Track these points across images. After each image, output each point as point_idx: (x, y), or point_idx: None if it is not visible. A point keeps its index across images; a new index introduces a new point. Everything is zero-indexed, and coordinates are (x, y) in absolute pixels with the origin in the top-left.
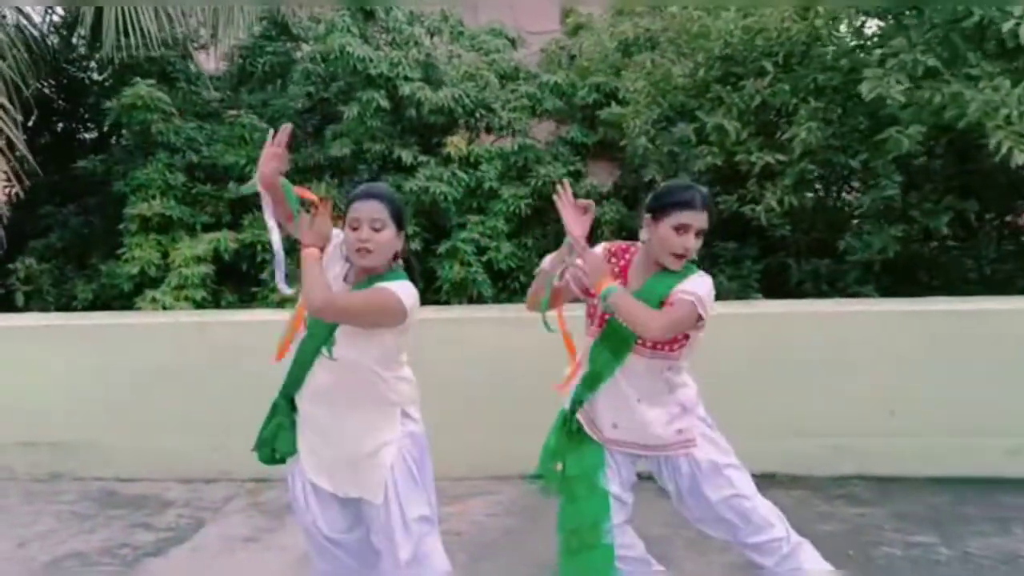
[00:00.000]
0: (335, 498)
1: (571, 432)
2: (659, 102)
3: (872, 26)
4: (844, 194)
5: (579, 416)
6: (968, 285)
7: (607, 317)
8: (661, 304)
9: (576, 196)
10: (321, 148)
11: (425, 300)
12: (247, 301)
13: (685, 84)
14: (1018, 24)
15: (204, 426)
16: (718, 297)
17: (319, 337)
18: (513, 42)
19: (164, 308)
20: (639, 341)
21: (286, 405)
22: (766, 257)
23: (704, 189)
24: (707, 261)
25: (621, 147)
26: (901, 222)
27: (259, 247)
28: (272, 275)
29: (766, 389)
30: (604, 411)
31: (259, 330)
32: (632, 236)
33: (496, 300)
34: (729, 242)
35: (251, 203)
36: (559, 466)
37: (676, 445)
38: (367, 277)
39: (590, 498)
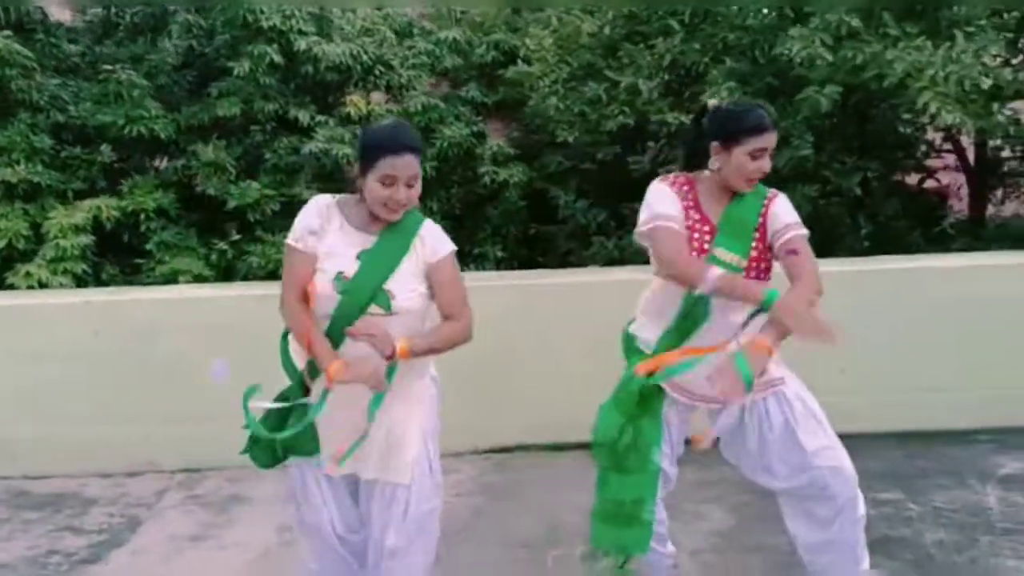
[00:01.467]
0: (347, 490)
1: (642, 397)
2: (567, 61)
3: None
4: None
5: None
6: (864, 242)
7: (706, 252)
8: (756, 230)
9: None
10: (205, 107)
11: None
12: (130, 274)
13: (592, 43)
14: None
15: (122, 414)
16: (627, 261)
17: (362, 293)
18: None
19: (40, 283)
20: (752, 258)
21: (301, 391)
22: None
23: (765, 106)
24: (616, 223)
25: (521, 106)
26: (814, 181)
27: (142, 215)
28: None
29: None
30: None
31: (178, 308)
32: (536, 197)
33: None
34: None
35: (130, 167)
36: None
37: (767, 384)
38: (387, 224)
39: (641, 473)
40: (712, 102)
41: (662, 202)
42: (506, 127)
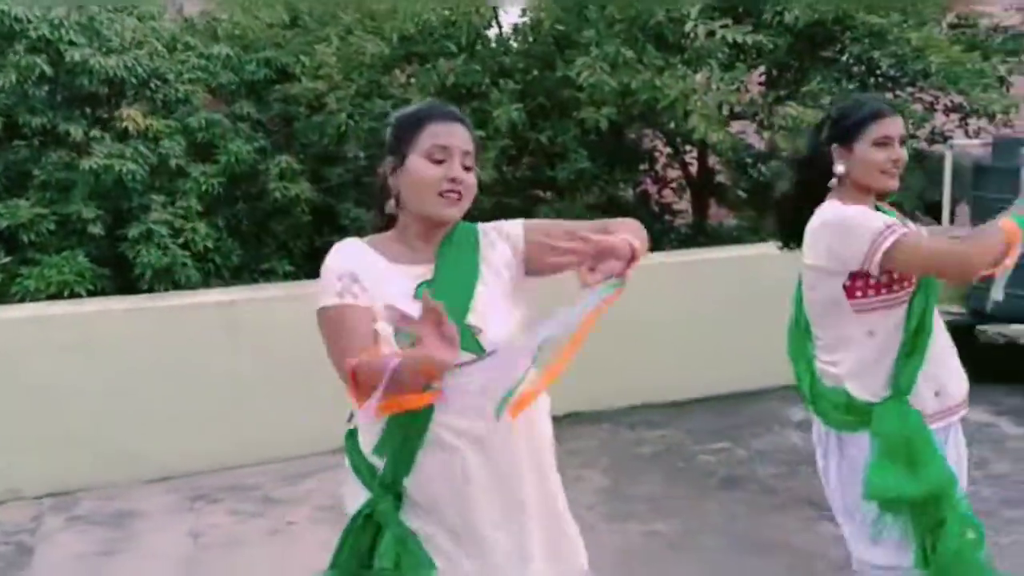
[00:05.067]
0: None
1: (910, 435)
2: (353, 78)
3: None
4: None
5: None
6: None
7: None
8: None
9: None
10: None
11: (126, 289)
12: None
13: (375, 62)
14: (694, 24)
15: None
16: None
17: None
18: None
19: None
20: None
21: (392, 501)
22: None
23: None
24: None
25: (295, 122)
26: (591, 192)
27: None
28: None
29: None
30: (926, 378)
31: (36, 327)
32: (323, 212)
33: (205, 284)
34: None
35: None
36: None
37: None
38: (444, 239)
39: (954, 517)
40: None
41: (870, 216)
42: (284, 143)
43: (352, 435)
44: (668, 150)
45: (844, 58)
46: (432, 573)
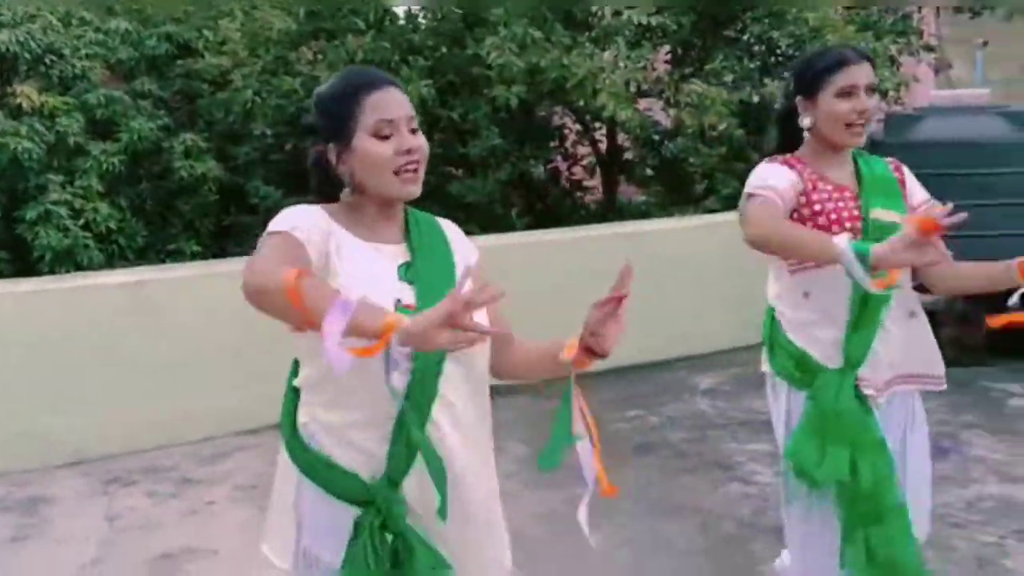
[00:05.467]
0: None
1: (841, 412)
2: (258, 55)
3: None
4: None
5: (862, 379)
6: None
7: (858, 218)
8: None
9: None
10: None
11: (25, 272)
12: None
13: (281, 38)
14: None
15: None
16: None
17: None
18: None
19: None
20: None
21: (395, 494)
22: None
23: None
24: None
25: (199, 99)
26: (503, 168)
27: None
28: None
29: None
30: (885, 351)
31: None
32: (230, 191)
33: (108, 265)
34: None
35: None
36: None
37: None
38: (408, 222)
39: (892, 516)
40: None
41: (770, 175)
42: (188, 121)
43: (294, 431)
44: (578, 128)
45: (745, 37)
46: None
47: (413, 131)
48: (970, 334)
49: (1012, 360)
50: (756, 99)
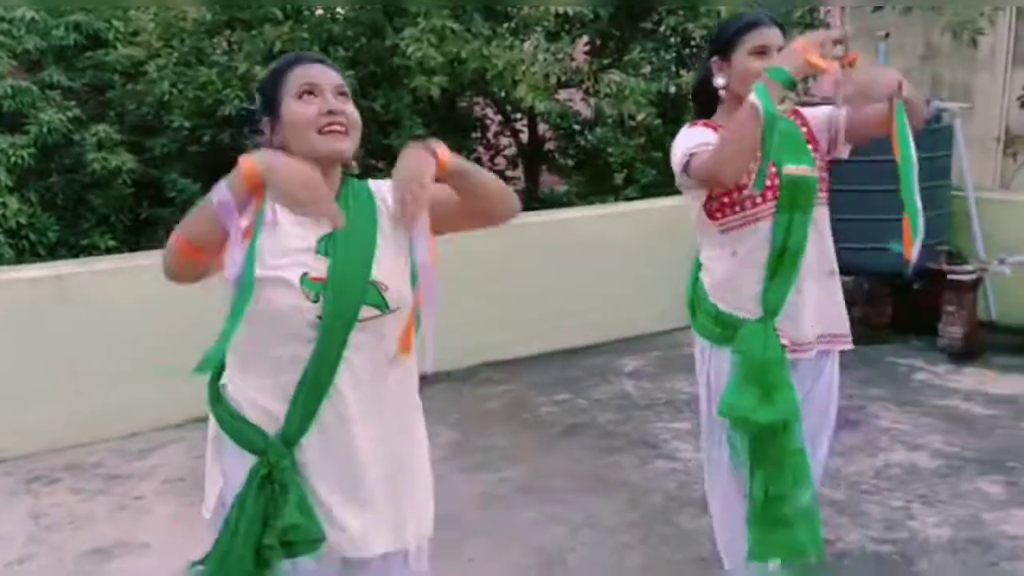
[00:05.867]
0: None
1: (768, 361)
2: (173, 45)
3: None
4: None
5: (780, 330)
6: None
7: (776, 173)
8: (808, 142)
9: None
10: None
11: None
12: None
13: (196, 28)
14: None
15: None
16: None
17: (348, 293)
18: None
19: None
20: (817, 166)
21: (287, 451)
22: None
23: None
24: None
25: (109, 90)
26: None
27: None
28: None
29: None
30: (805, 307)
31: None
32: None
33: (19, 261)
34: None
35: None
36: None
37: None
38: (341, 191)
39: (791, 458)
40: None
41: (697, 135)
42: (99, 113)
43: (217, 396)
44: (499, 119)
45: (662, 29)
46: (323, 545)
47: (342, 98)
48: (878, 312)
49: (915, 337)
50: (673, 89)
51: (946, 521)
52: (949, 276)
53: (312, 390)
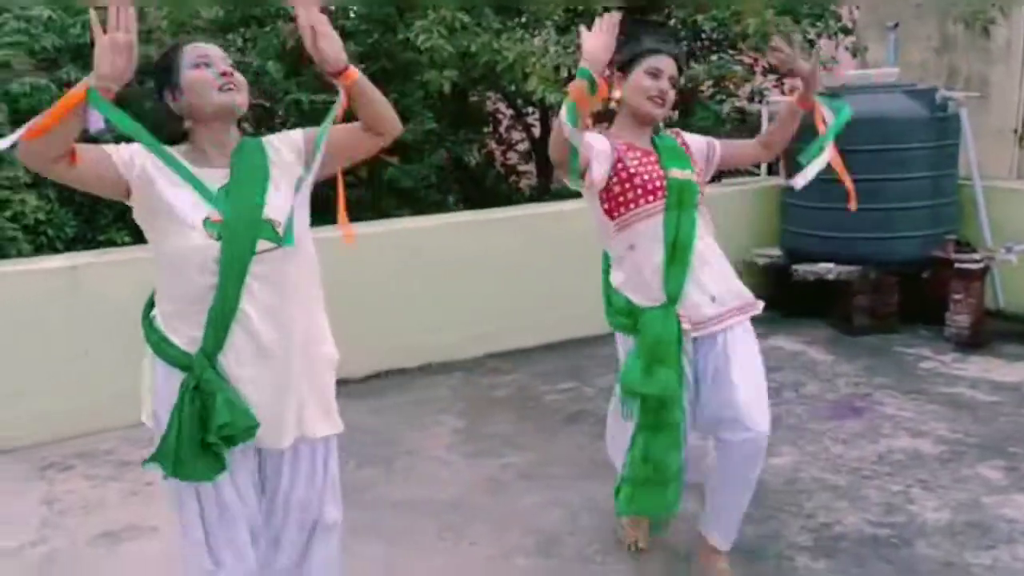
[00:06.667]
0: (251, 472)
1: (661, 340)
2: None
3: None
4: None
5: (680, 313)
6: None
7: (663, 175)
8: (688, 156)
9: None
10: None
11: None
12: None
13: (209, 26)
14: None
15: None
16: None
17: (243, 229)
18: None
19: None
20: (696, 174)
21: (209, 364)
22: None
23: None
24: None
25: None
26: (438, 153)
27: None
28: None
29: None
30: (697, 289)
31: None
32: None
33: (37, 256)
34: None
35: None
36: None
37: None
38: (235, 148)
39: (668, 429)
40: None
41: (591, 139)
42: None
43: (149, 320)
44: (511, 112)
45: (671, 22)
46: (258, 426)
47: (230, 66)
48: (884, 302)
49: (922, 326)
50: (682, 82)
51: (945, 505)
52: (956, 265)
53: (221, 315)
